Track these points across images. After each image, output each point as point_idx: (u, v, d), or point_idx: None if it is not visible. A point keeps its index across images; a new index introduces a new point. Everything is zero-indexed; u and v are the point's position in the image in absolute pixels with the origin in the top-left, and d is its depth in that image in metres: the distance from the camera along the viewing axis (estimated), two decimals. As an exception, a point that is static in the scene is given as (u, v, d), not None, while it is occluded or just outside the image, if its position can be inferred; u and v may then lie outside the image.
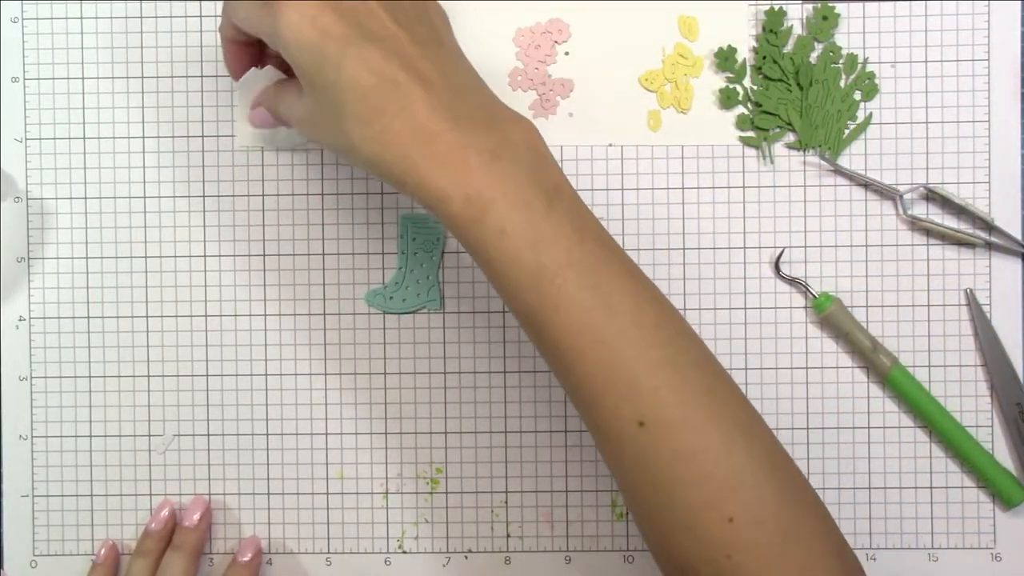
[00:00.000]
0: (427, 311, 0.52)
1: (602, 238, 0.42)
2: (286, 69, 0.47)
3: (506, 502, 0.52)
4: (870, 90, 0.51)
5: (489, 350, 0.52)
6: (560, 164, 0.50)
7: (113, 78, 0.53)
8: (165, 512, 0.52)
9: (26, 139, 0.53)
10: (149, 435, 0.53)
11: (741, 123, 0.52)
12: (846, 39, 0.51)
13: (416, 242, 0.52)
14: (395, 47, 0.40)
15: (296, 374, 0.52)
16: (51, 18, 0.53)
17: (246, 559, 0.52)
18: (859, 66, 0.51)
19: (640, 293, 0.41)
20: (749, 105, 0.52)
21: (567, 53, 0.52)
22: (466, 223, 0.40)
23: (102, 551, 0.52)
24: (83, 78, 0.53)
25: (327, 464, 0.53)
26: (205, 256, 0.53)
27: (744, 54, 0.52)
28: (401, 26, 0.41)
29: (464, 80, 0.42)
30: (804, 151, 0.52)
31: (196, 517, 0.51)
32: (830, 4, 0.51)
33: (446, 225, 0.41)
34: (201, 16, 0.52)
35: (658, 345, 0.40)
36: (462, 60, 0.43)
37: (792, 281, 0.52)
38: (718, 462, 0.39)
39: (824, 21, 0.51)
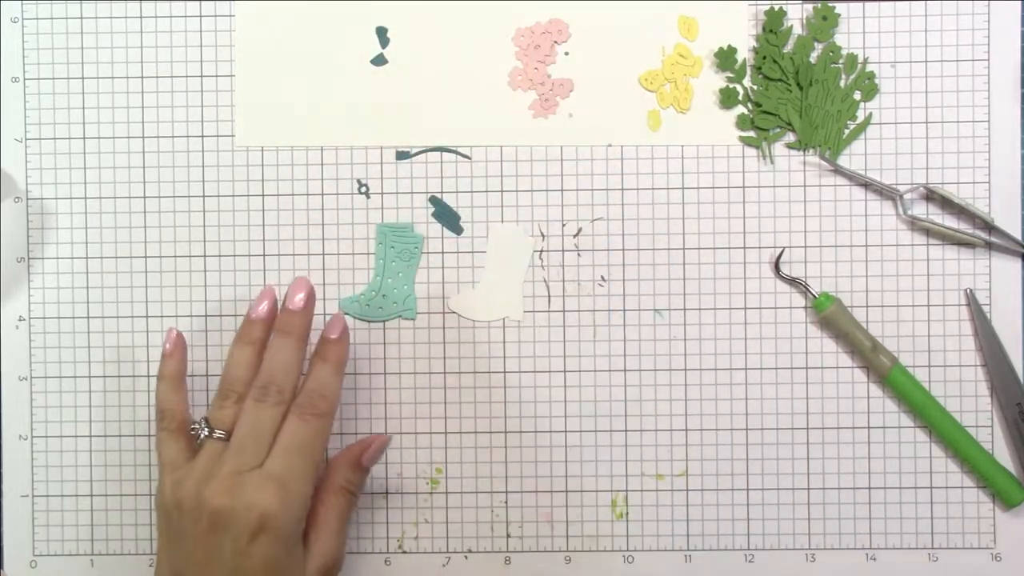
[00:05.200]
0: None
1: None
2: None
3: (506, 502, 0.52)
4: (870, 90, 0.51)
5: (489, 350, 0.52)
6: (560, 164, 0.50)
7: (113, 78, 0.52)
8: (267, 302, 0.49)
9: (26, 139, 0.53)
10: (149, 435, 0.53)
11: (741, 123, 0.52)
12: (846, 39, 0.51)
13: (394, 251, 0.51)
14: None
15: (296, 374, 0.52)
16: (51, 18, 0.53)
17: (335, 336, 0.48)
18: (859, 66, 0.51)
19: None
20: (749, 105, 0.52)
21: (567, 53, 0.52)
22: None
23: (168, 344, 0.49)
24: (83, 78, 0.53)
25: (327, 464, 0.53)
26: (205, 256, 0.53)
27: (744, 54, 0.52)
28: None
29: None
30: (804, 151, 0.52)
31: (300, 299, 0.48)
32: (830, 4, 0.51)
33: None
34: (201, 16, 0.52)
35: None
36: None
37: (792, 281, 0.52)
38: None
39: (824, 21, 0.51)
